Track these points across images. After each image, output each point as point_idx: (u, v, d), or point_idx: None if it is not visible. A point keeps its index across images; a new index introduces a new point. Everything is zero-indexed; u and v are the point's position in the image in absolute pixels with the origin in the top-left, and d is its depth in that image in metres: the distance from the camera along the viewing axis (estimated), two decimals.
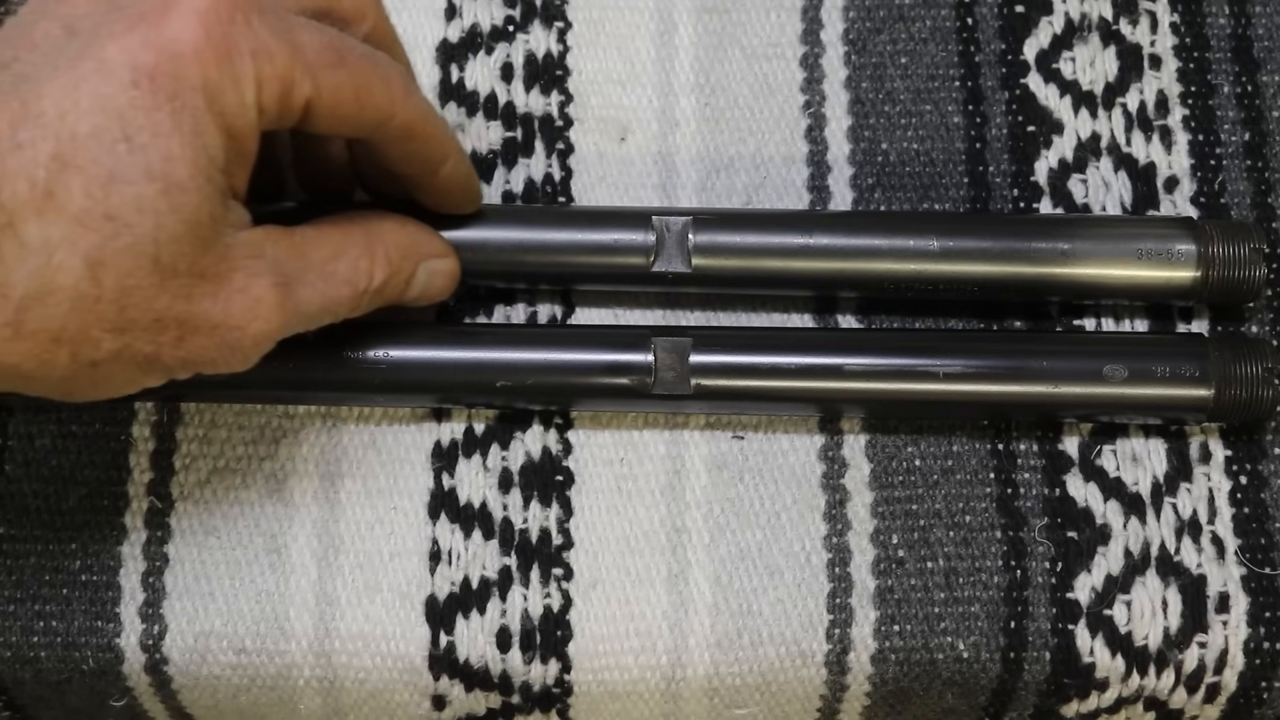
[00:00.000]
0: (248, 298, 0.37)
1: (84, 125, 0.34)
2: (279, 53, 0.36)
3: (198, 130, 0.35)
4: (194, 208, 0.35)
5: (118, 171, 0.34)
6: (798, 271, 0.44)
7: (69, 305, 0.34)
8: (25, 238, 0.34)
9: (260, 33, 0.36)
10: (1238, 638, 0.42)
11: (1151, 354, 0.43)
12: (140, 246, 0.35)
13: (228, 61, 0.35)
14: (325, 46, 0.37)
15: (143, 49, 0.34)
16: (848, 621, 0.42)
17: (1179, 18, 0.48)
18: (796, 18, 0.48)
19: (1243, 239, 0.43)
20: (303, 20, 0.37)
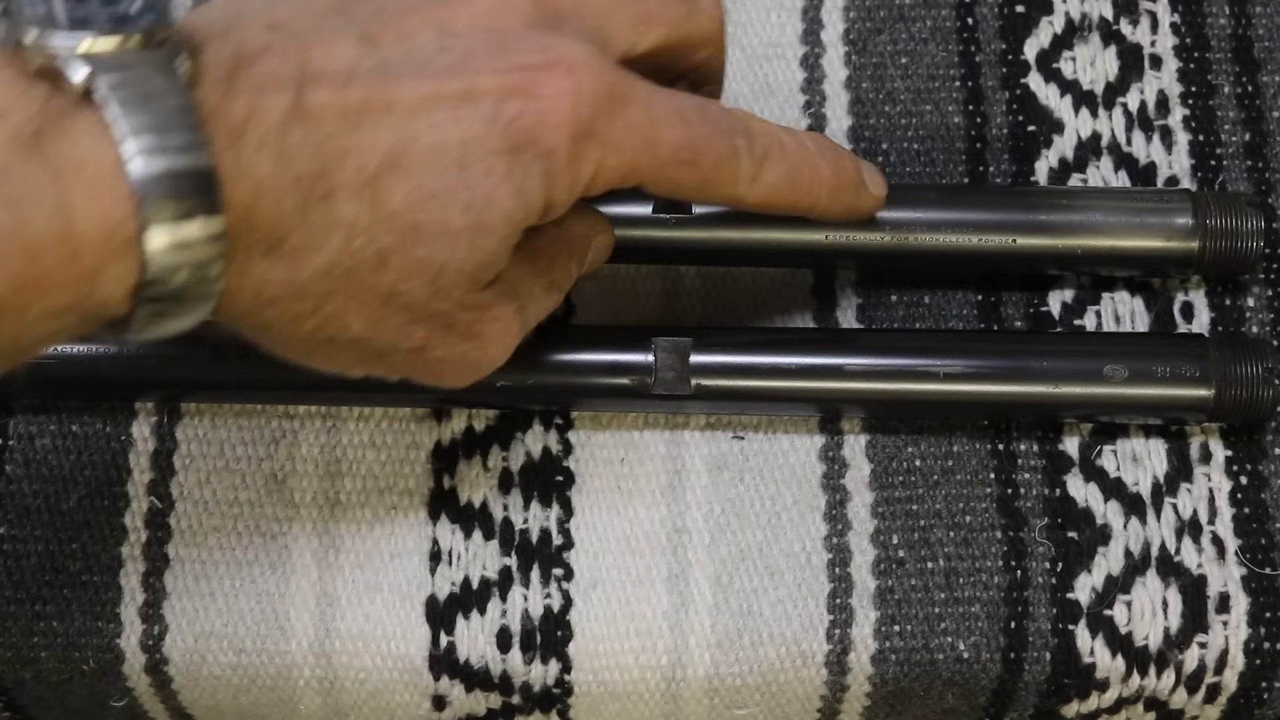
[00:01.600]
0: (496, 328, 0.38)
1: (429, 137, 0.34)
2: (629, 151, 0.36)
3: (524, 189, 0.35)
4: (489, 253, 0.36)
5: (441, 192, 0.34)
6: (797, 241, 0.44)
7: (344, 286, 0.35)
8: (338, 214, 0.34)
9: (620, 127, 0.36)
10: (1238, 638, 0.42)
11: (1152, 354, 0.43)
12: (430, 264, 0.35)
13: (580, 144, 0.35)
14: (681, 146, 0.37)
15: (512, 97, 0.35)
16: (848, 622, 0.42)
17: (1179, 18, 0.48)
18: (796, 18, 0.48)
19: (1241, 210, 0.43)
20: (670, 111, 0.37)
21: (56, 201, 0.30)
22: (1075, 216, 0.44)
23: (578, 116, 0.35)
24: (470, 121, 0.35)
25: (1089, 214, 0.44)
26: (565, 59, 0.35)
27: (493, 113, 0.35)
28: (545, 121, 0.35)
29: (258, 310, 0.35)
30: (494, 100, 0.35)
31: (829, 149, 0.41)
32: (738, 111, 0.39)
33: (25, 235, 0.30)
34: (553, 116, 0.35)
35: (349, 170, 0.34)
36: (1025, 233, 0.44)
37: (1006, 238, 0.44)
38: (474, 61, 0.35)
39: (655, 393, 0.43)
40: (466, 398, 0.44)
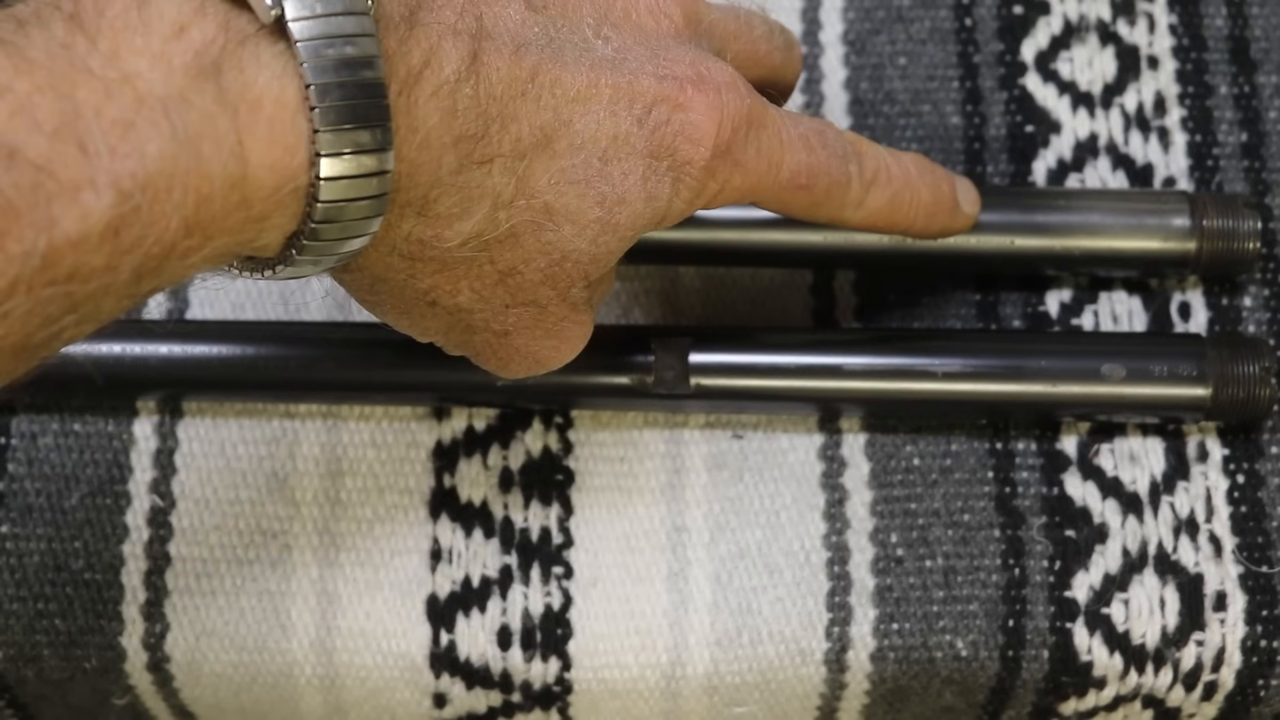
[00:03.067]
0: (577, 332, 0.38)
1: (583, 124, 0.35)
2: (755, 174, 0.37)
3: (656, 194, 0.36)
4: (609, 251, 0.36)
5: (581, 181, 0.35)
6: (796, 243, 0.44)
7: (474, 256, 0.35)
8: (490, 183, 0.34)
9: (751, 150, 0.37)
10: (1235, 636, 0.42)
11: (1149, 353, 0.43)
12: (554, 249, 0.35)
13: (716, 160, 0.36)
14: (801, 171, 0.38)
15: (663, 104, 0.35)
16: (847, 620, 0.43)
17: (1177, 19, 0.49)
18: (796, 18, 0.49)
19: (1239, 212, 0.44)
20: (795, 136, 0.38)
21: (235, 144, 0.29)
22: (1073, 217, 0.44)
23: (719, 135, 0.36)
24: (622, 119, 0.35)
25: (1087, 215, 0.44)
26: (713, 77, 0.36)
27: (644, 115, 0.35)
28: (689, 134, 0.36)
29: (385, 265, 0.34)
30: (646, 103, 0.35)
31: (928, 171, 0.41)
32: (849, 135, 0.40)
33: (201, 177, 0.29)
34: (697, 131, 0.36)
35: (508, 140, 0.33)
36: (1023, 234, 0.44)
37: (1005, 239, 0.44)
38: (632, 60, 0.36)
39: (655, 392, 0.43)
40: (467, 397, 0.44)
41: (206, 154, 0.29)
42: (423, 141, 0.32)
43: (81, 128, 0.27)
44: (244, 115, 0.29)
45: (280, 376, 0.43)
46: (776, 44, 0.41)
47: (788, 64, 0.41)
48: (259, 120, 0.29)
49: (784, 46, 0.41)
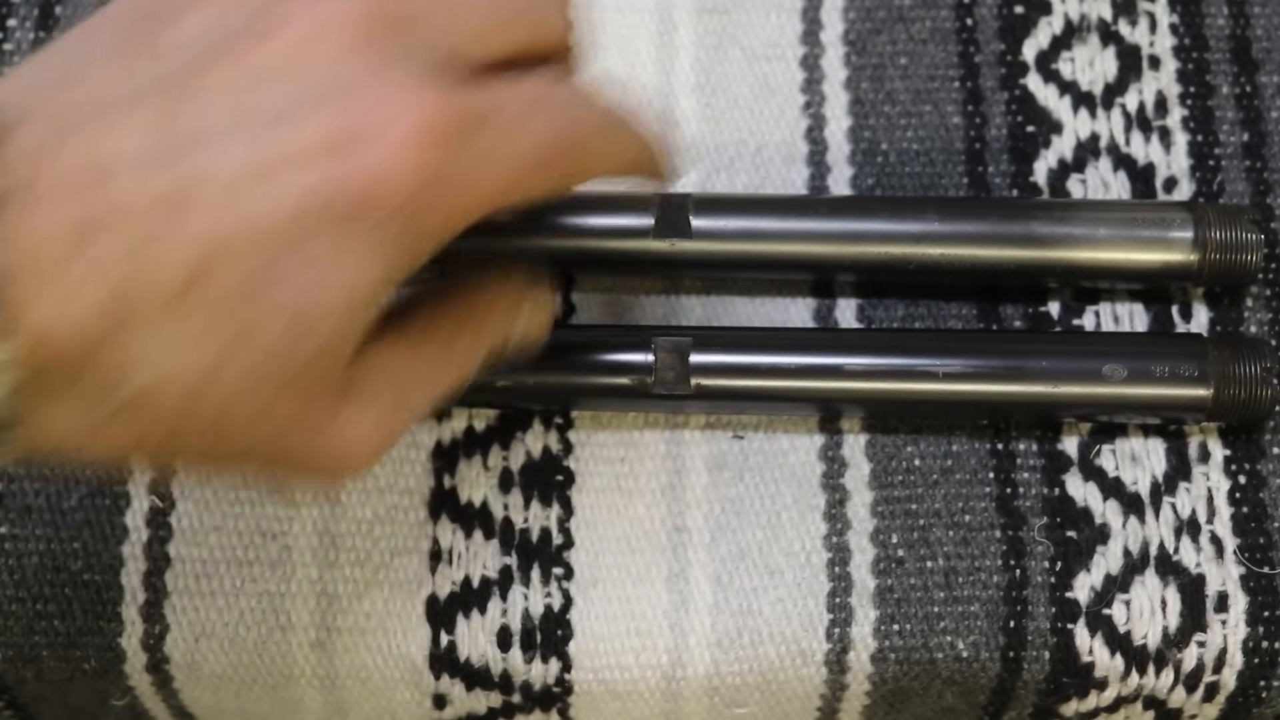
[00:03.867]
0: (350, 439, 0.33)
1: (246, 222, 0.30)
2: (490, 178, 0.32)
3: (363, 263, 0.31)
4: (336, 337, 0.31)
5: (265, 288, 0.30)
6: (797, 255, 0.44)
7: (157, 421, 0.31)
8: (144, 335, 0.30)
9: (470, 161, 0.32)
10: (1236, 637, 0.42)
11: (1150, 354, 0.43)
12: (263, 365, 0.31)
13: (425, 195, 0.31)
14: (537, 148, 0.33)
15: (337, 157, 0.30)
16: (847, 621, 0.42)
17: (1178, 18, 0.49)
18: (796, 18, 0.49)
19: (1241, 222, 0.44)
20: (519, 112, 0.33)
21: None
22: (1074, 230, 0.44)
23: (417, 169, 0.30)
24: (296, 198, 0.30)
25: (1088, 228, 0.44)
26: (398, 100, 0.31)
27: (317, 181, 0.30)
28: (381, 182, 0.30)
29: (64, 444, 0.31)
30: (318, 165, 0.30)
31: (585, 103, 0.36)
32: (577, 83, 0.36)
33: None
34: (389, 174, 0.30)
35: (158, 283, 0.29)
36: (1024, 246, 0.44)
37: (1005, 251, 0.44)
38: (290, 120, 0.30)
39: (655, 393, 0.43)
40: (467, 398, 0.44)
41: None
42: (48, 323, 0.29)
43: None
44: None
45: None
46: (514, 9, 0.35)
47: (542, 24, 0.35)
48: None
49: (527, 9, 0.35)
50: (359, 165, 0.30)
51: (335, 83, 0.31)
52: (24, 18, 0.48)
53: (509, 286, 0.39)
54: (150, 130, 0.30)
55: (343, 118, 0.30)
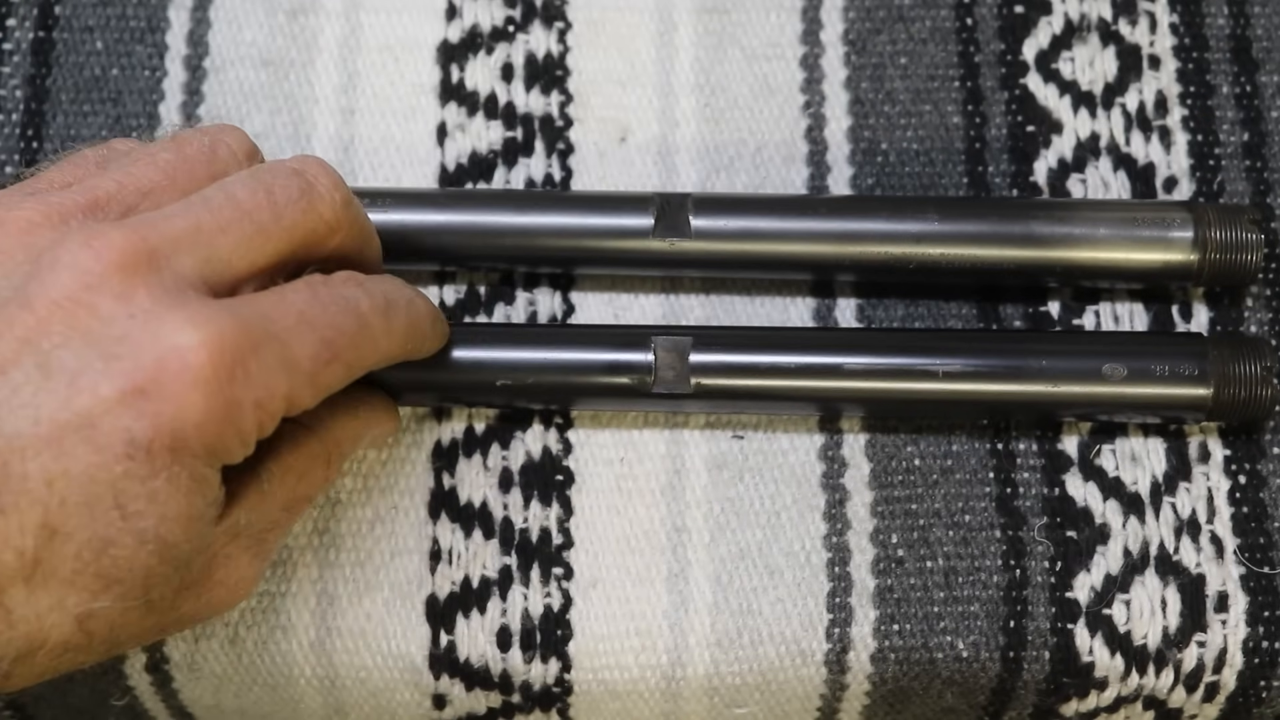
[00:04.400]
0: (229, 583, 0.37)
1: (74, 494, 0.32)
2: (280, 387, 0.34)
3: (194, 488, 0.33)
4: (185, 553, 0.34)
5: (110, 538, 0.33)
6: (797, 255, 0.44)
7: (55, 655, 0.34)
8: (11, 605, 0.32)
9: (259, 378, 0.34)
10: (1236, 637, 0.42)
11: (1150, 353, 0.43)
12: (129, 595, 0.34)
13: (230, 421, 0.33)
14: (319, 346, 0.35)
15: (137, 421, 0.32)
16: (847, 621, 0.42)
17: (1178, 18, 0.48)
18: (796, 18, 0.49)
19: (1241, 221, 0.44)
20: (293, 318, 0.35)
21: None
22: (1074, 230, 0.44)
23: (212, 407, 0.33)
24: (108, 463, 0.32)
25: (1088, 228, 0.44)
26: (177, 341, 0.33)
27: (126, 447, 0.32)
28: (182, 428, 0.32)
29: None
30: (120, 434, 0.32)
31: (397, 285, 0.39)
32: (344, 276, 0.38)
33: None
34: (187, 420, 0.33)
35: (8, 560, 0.32)
36: (1024, 246, 0.44)
37: (1005, 251, 0.44)
38: (83, 386, 0.32)
39: (655, 391, 0.43)
40: (467, 397, 0.44)
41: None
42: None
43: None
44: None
45: None
46: (263, 224, 0.36)
47: (309, 211, 0.37)
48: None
49: (274, 220, 0.36)
50: (160, 411, 0.32)
51: (116, 332, 0.33)
52: (24, 18, 0.48)
53: (355, 421, 0.41)
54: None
55: (132, 369, 0.32)
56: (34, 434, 0.32)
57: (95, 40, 0.48)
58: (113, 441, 0.32)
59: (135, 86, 0.47)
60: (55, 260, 0.33)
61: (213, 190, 0.36)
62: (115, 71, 0.47)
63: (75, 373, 0.32)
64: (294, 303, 0.36)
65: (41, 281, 0.33)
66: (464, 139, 0.47)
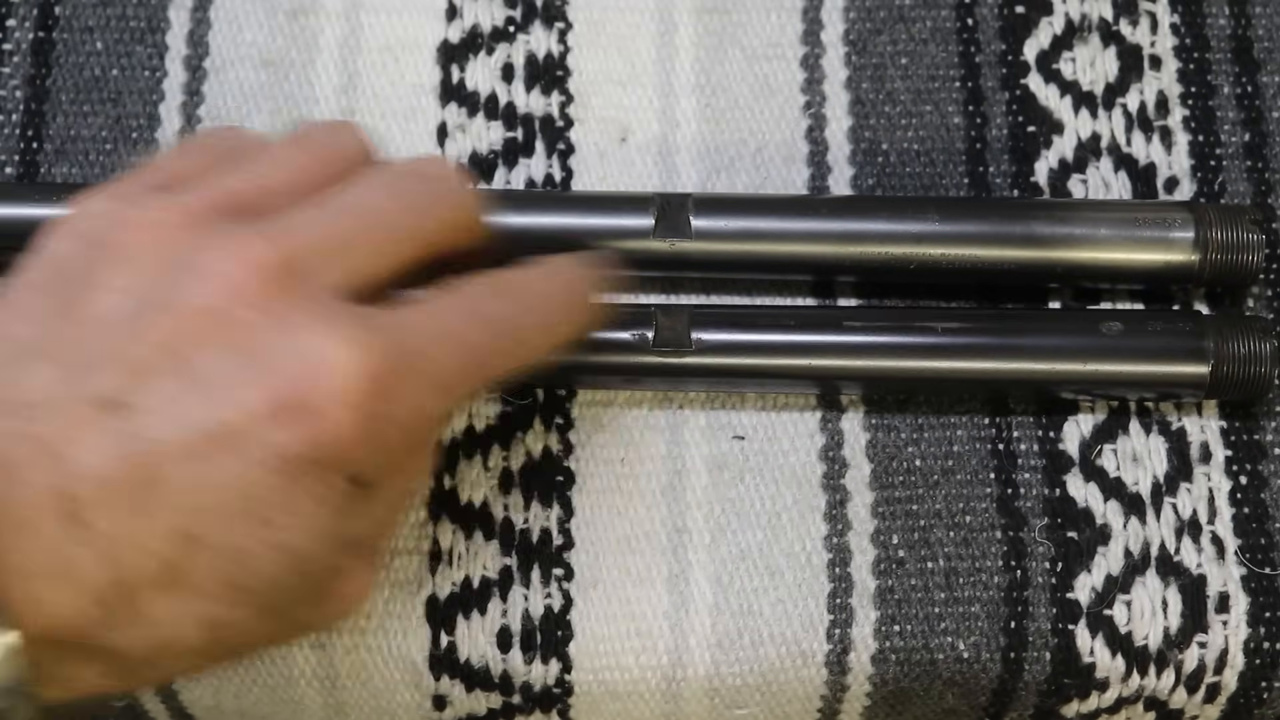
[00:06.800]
0: (348, 595, 0.36)
1: (216, 503, 0.32)
2: (427, 406, 0.34)
3: (333, 502, 0.33)
4: (320, 569, 0.34)
5: (247, 548, 0.32)
6: (797, 255, 0.44)
7: (180, 659, 0.34)
8: (145, 609, 0.32)
9: (409, 398, 0.33)
10: (1238, 637, 0.42)
11: (1149, 328, 0.43)
12: (258, 605, 0.33)
13: (377, 439, 0.33)
14: (468, 361, 0.35)
15: (285, 435, 0.32)
16: (848, 621, 0.42)
17: (1179, 18, 0.48)
18: (797, 18, 0.49)
19: (1242, 222, 0.44)
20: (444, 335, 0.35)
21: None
22: (1075, 230, 0.44)
23: (367, 428, 0.32)
24: (254, 478, 0.32)
25: (1089, 228, 0.44)
26: (326, 359, 0.32)
27: (277, 462, 0.32)
28: (333, 441, 0.32)
29: (96, 692, 0.33)
30: (270, 449, 0.32)
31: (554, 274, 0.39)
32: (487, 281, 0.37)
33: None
34: (339, 439, 0.32)
35: (147, 566, 0.32)
36: (1025, 246, 0.44)
37: (1006, 251, 0.44)
38: (233, 400, 0.32)
39: (656, 348, 0.43)
40: None
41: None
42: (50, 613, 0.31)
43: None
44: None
45: None
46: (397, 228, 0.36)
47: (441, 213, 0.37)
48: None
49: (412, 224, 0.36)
50: (310, 427, 0.32)
51: (264, 343, 0.32)
52: (24, 18, 0.48)
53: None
54: (102, 435, 0.31)
55: (282, 383, 0.32)
56: (180, 442, 0.32)
57: (95, 40, 0.48)
58: (259, 454, 0.32)
59: (135, 87, 0.47)
60: (197, 267, 0.33)
61: (347, 196, 0.35)
62: (115, 72, 0.47)
63: (223, 383, 0.32)
64: (445, 319, 0.35)
65: (183, 288, 0.33)
66: (464, 139, 0.47)
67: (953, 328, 0.43)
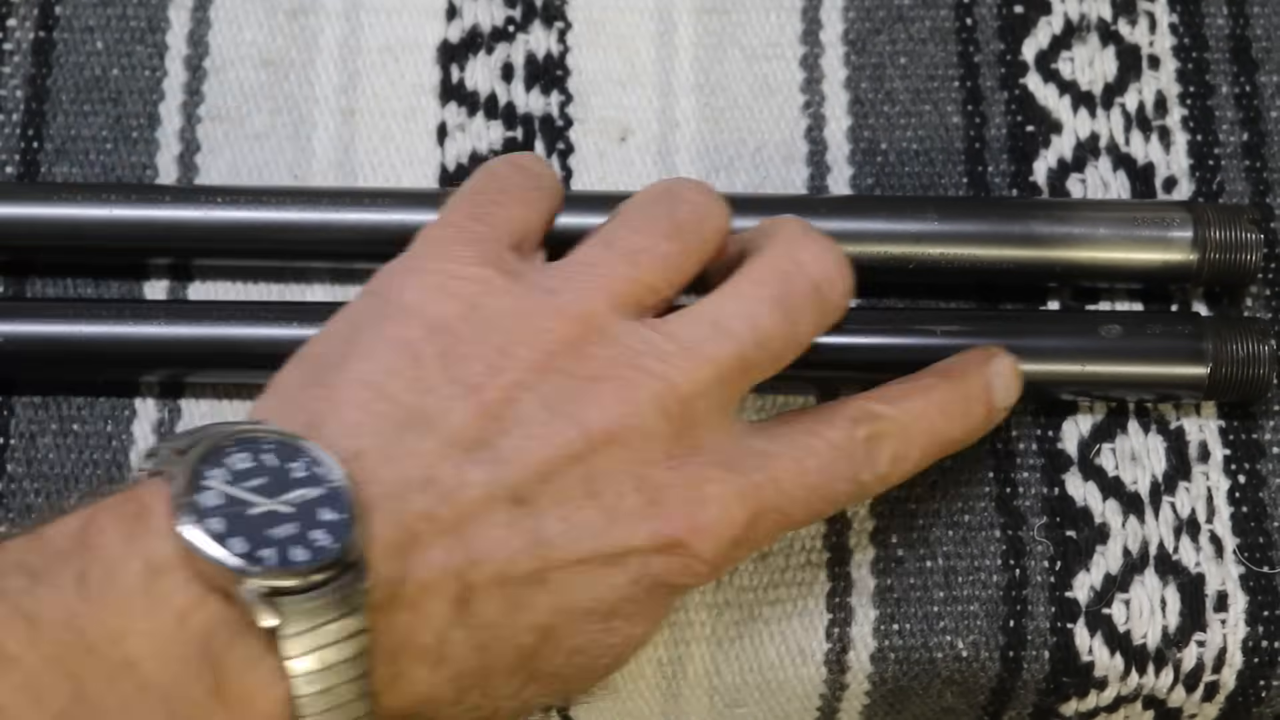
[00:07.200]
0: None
1: (582, 605, 0.34)
2: (768, 538, 0.37)
3: (668, 608, 0.36)
4: (626, 660, 0.36)
5: (584, 647, 0.35)
6: None
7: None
8: (495, 691, 0.34)
9: (759, 540, 0.36)
10: (1236, 636, 0.42)
11: (1148, 330, 0.43)
12: (564, 691, 0.36)
13: (720, 569, 0.36)
14: (811, 509, 0.37)
15: (662, 567, 0.35)
16: (847, 620, 0.42)
17: (1178, 18, 0.49)
18: (796, 18, 0.49)
19: (1240, 221, 0.44)
20: (804, 490, 0.37)
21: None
22: (1075, 230, 0.44)
23: (721, 562, 0.35)
24: (620, 586, 0.34)
25: (1088, 227, 0.44)
26: (713, 507, 0.35)
27: (640, 571, 0.34)
28: (690, 569, 0.35)
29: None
30: (642, 558, 0.34)
31: (951, 394, 0.39)
32: (859, 410, 0.38)
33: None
34: (698, 562, 0.35)
35: (507, 655, 0.34)
36: (1024, 246, 0.44)
37: (1005, 251, 0.44)
38: (621, 517, 0.34)
39: None
40: None
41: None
42: (411, 696, 0.33)
43: (83, 713, 0.29)
44: (237, 709, 0.30)
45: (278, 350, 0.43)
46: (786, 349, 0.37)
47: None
48: (251, 715, 0.30)
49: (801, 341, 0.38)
50: (685, 563, 0.35)
51: (655, 484, 0.35)
52: (24, 18, 0.48)
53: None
54: (507, 529, 0.33)
55: (677, 525, 0.34)
56: (572, 550, 0.34)
57: (96, 40, 0.48)
58: (633, 574, 0.34)
59: (136, 86, 0.47)
60: (603, 389, 0.35)
61: (741, 321, 0.36)
62: (116, 71, 0.47)
63: (619, 507, 0.34)
64: (809, 476, 0.37)
65: (592, 406, 0.34)
66: (464, 139, 0.47)
67: (952, 329, 0.43)
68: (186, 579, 0.30)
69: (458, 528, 0.33)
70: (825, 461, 0.37)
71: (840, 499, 0.38)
